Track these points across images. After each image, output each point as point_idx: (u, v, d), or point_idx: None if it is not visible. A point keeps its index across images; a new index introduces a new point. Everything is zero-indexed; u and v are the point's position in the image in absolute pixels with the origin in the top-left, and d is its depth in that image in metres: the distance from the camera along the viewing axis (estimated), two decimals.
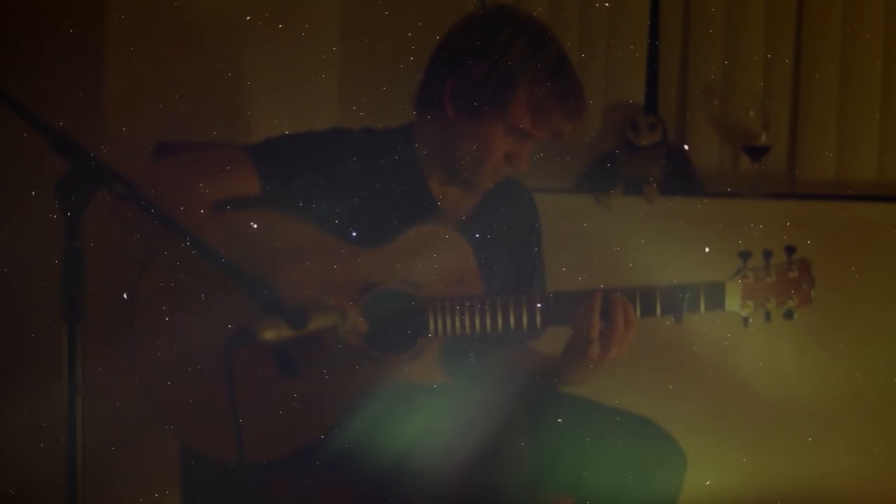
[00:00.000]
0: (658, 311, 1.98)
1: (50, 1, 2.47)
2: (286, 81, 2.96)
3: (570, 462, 2.00)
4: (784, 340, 2.77)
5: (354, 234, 1.98)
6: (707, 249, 2.64)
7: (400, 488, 1.93)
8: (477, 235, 2.07)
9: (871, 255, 2.86)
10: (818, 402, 2.88)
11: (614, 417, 2.02)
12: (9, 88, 1.31)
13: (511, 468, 1.79)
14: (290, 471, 1.97)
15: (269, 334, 1.54)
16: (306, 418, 1.93)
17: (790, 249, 2.03)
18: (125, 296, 1.94)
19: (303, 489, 2.00)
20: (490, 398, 1.89)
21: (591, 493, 1.98)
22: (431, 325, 1.97)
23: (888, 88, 2.96)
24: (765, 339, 2.65)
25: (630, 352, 1.96)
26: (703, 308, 1.99)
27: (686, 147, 3.07)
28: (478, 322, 1.97)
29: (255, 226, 1.94)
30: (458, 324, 1.97)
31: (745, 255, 2.01)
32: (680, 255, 2.75)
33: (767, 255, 2.01)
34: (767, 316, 2.02)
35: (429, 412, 1.87)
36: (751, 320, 2.01)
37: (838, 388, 2.86)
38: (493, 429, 1.80)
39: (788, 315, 2.02)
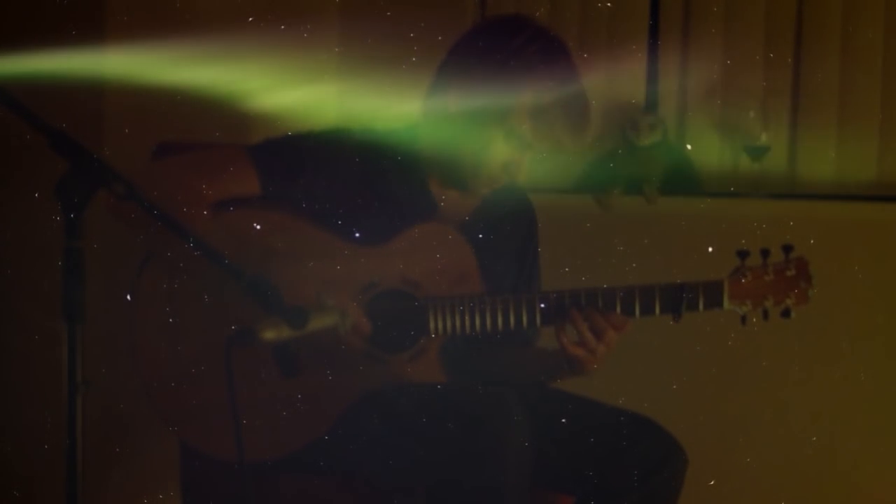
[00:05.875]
0: (657, 310, 1.98)
1: (50, 1, 2.47)
2: (287, 82, 2.96)
3: (571, 461, 2.00)
4: (785, 340, 2.77)
5: (357, 234, 1.98)
6: (710, 249, 2.64)
7: (401, 487, 1.93)
8: (480, 236, 2.07)
9: (871, 255, 2.86)
10: (819, 402, 2.88)
11: (615, 417, 2.02)
12: (9, 88, 1.31)
13: (512, 468, 1.79)
14: (291, 470, 1.97)
15: (270, 334, 1.54)
16: (307, 418, 1.93)
17: (787, 248, 2.03)
18: (126, 296, 1.95)
19: (303, 489, 2.00)
20: (490, 398, 1.88)
21: (592, 493, 1.98)
22: (432, 325, 1.97)
23: (888, 88, 2.96)
24: (766, 338, 2.64)
25: (630, 350, 1.97)
26: (701, 307, 1.99)
27: (686, 147, 3.07)
28: (478, 322, 1.97)
29: (256, 226, 1.95)
30: (458, 323, 1.97)
31: (742, 254, 2.01)
32: (680, 255, 2.75)
33: (765, 253, 2.01)
34: (765, 314, 2.03)
35: (429, 412, 1.87)
36: (753, 319, 2.02)
37: (839, 388, 2.86)
38: (494, 428, 1.80)
39: (786, 314, 2.03)
